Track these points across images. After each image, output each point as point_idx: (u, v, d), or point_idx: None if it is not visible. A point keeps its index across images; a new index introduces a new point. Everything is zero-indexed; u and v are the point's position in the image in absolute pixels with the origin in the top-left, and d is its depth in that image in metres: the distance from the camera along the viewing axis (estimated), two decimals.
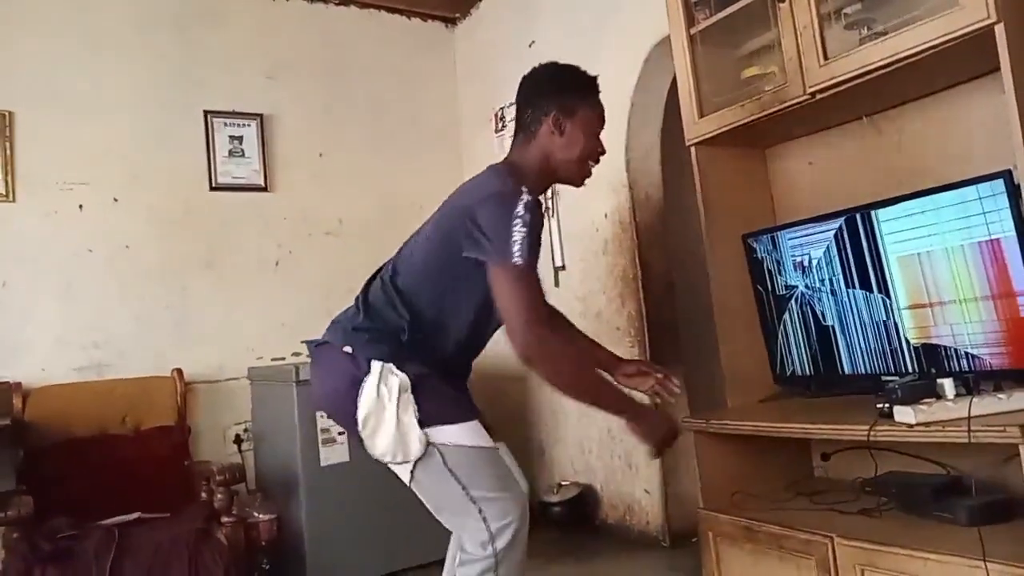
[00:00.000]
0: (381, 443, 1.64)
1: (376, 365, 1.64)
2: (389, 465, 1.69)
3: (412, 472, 1.66)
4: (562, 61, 1.86)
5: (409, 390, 1.63)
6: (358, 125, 3.94)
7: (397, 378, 1.63)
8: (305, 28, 3.84)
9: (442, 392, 1.68)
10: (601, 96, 1.83)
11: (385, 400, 1.62)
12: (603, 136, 1.83)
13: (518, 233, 1.53)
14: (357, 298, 1.81)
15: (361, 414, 1.64)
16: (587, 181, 1.85)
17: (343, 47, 3.94)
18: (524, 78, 1.84)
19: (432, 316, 1.70)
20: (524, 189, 1.60)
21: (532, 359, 1.55)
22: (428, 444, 1.62)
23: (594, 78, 1.83)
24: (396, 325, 1.70)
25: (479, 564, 1.60)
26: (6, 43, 3.13)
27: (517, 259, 1.52)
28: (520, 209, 1.55)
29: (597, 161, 1.82)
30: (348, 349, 1.69)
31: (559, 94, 1.76)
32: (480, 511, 1.61)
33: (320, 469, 2.98)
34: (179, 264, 3.39)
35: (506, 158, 1.83)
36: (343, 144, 3.88)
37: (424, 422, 1.62)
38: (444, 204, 1.77)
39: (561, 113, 1.74)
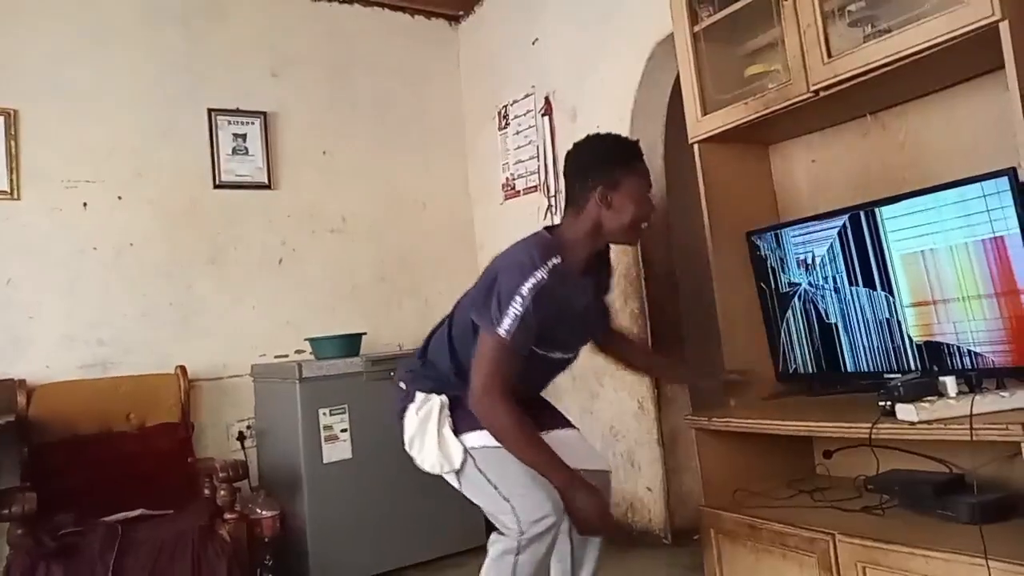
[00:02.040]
0: (428, 458, 1.82)
1: (420, 395, 1.86)
2: (445, 477, 1.85)
3: (458, 479, 1.82)
4: (604, 132, 1.93)
5: (447, 407, 1.83)
6: (362, 123, 3.94)
7: (438, 399, 1.83)
8: (309, 25, 3.85)
9: None
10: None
11: (425, 420, 1.82)
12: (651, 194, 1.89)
13: (513, 311, 1.69)
14: (423, 344, 2.01)
15: (407, 436, 1.87)
16: None
17: (347, 44, 3.95)
18: (568, 154, 1.92)
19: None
20: (552, 262, 1.73)
21: (476, 414, 1.74)
22: (464, 451, 1.79)
23: (635, 144, 1.89)
24: (446, 370, 1.89)
25: (502, 543, 1.74)
26: (11, 40, 3.13)
27: (503, 334, 1.69)
28: (525, 289, 1.69)
29: (649, 221, 1.90)
30: (402, 385, 1.94)
31: (602, 169, 1.82)
32: (513, 508, 1.72)
33: (323, 466, 2.99)
34: (183, 262, 3.39)
35: (556, 227, 1.92)
36: (347, 142, 3.88)
37: (458, 431, 1.80)
38: (490, 263, 1.87)
39: (606, 188, 1.81)
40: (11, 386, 2.87)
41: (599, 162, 1.84)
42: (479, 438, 1.77)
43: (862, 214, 2.04)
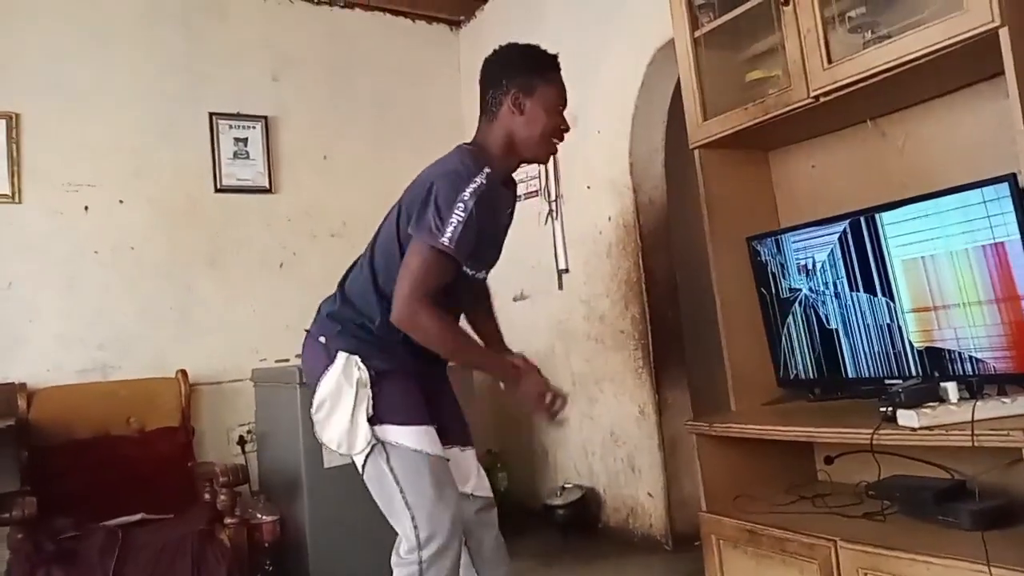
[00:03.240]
0: (330, 431, 1.70)
1: (342, 356, 1.71)
2: (349, 455, 1.74)
3: (364, 465, 1.72)
4: (522, 42, 1.86)
5: (368, 386, 1.69)
6: (363, 127, 3.95)
7: (359, 372, 1.69)
8: (310, 30, 3.86)
9: (402, 391, 1.73)
10: (563, 74, 1.81)
11: (343, 392, 1.68)
12: (567, 113, 1.83)
13: (456, 218, 1.59)
14: (339, 282, 1.86)
15: (317, 399, 1.72)
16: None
17: (348, 49, 3.95)
18: (485, 60, 1.85)
19: None
20: (485, 170, 1.66)
21: (403, 326, 1.63)
22: (376, 441, 1.68)
23: (553, 56, 1.83)
24: (369, 311, 1.75)
25: (405, 569, 1.67)
26: (13, 43, 3.14)
27: (446, 242, 1.59)
28: (467, 194, 1.61)
29: (561, 138, 1.83)
30: (322, 339, 1.76)
31: (517, 73, 1.77)
32: (412, 517, 1.66)
33: (323, 471, 2.97)
34: (184, 266, 3.40)
35: (473, 139, 1.84)
36: (348, 146, 3.89)
37: (375, 419, 1.68)
38: (412, 182, 1.79)
39: (520, 92, 1.75)
40: (11, 389, 2.87)
41: (516, 67, 1.78)
42: (400, 435, 1.68)
43: (862, 220, 2.04)
